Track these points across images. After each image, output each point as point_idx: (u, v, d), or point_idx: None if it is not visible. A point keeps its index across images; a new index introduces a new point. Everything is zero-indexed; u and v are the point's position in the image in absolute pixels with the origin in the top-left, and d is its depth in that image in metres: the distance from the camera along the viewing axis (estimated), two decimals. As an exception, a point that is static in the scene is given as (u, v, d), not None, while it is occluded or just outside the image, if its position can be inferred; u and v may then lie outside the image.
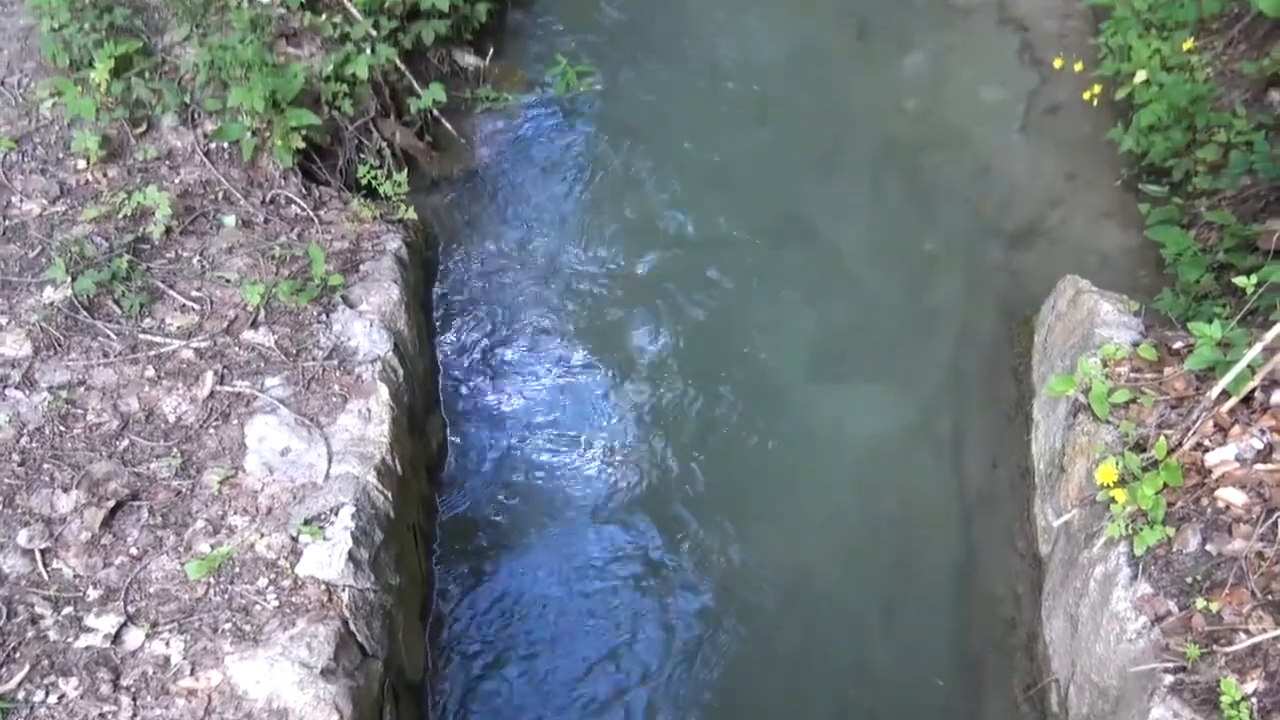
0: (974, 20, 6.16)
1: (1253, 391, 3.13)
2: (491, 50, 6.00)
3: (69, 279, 3.65)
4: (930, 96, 5.65)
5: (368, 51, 5.02)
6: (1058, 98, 5.56)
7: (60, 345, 3.55)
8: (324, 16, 4.99)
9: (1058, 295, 4.23)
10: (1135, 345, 3.52)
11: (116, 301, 3.70)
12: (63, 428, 3.35)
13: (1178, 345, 3.51)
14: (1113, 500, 3.08)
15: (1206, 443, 3.12)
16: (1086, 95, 5.37)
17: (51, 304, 3.61)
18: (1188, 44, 5.12)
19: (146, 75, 4.40)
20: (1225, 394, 3.10)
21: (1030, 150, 5.32)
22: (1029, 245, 4.94)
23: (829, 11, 6.32)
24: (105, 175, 4.13)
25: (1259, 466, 3.02)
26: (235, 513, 3.22)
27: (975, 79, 5.73)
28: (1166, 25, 5.31)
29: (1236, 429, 3.11)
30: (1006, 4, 6.25)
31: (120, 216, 3.94)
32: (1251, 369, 3.05)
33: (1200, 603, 2.81)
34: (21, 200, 3.98)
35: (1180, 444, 3.11)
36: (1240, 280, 3.27)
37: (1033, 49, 5.90)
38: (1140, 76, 5.04)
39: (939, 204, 5.12)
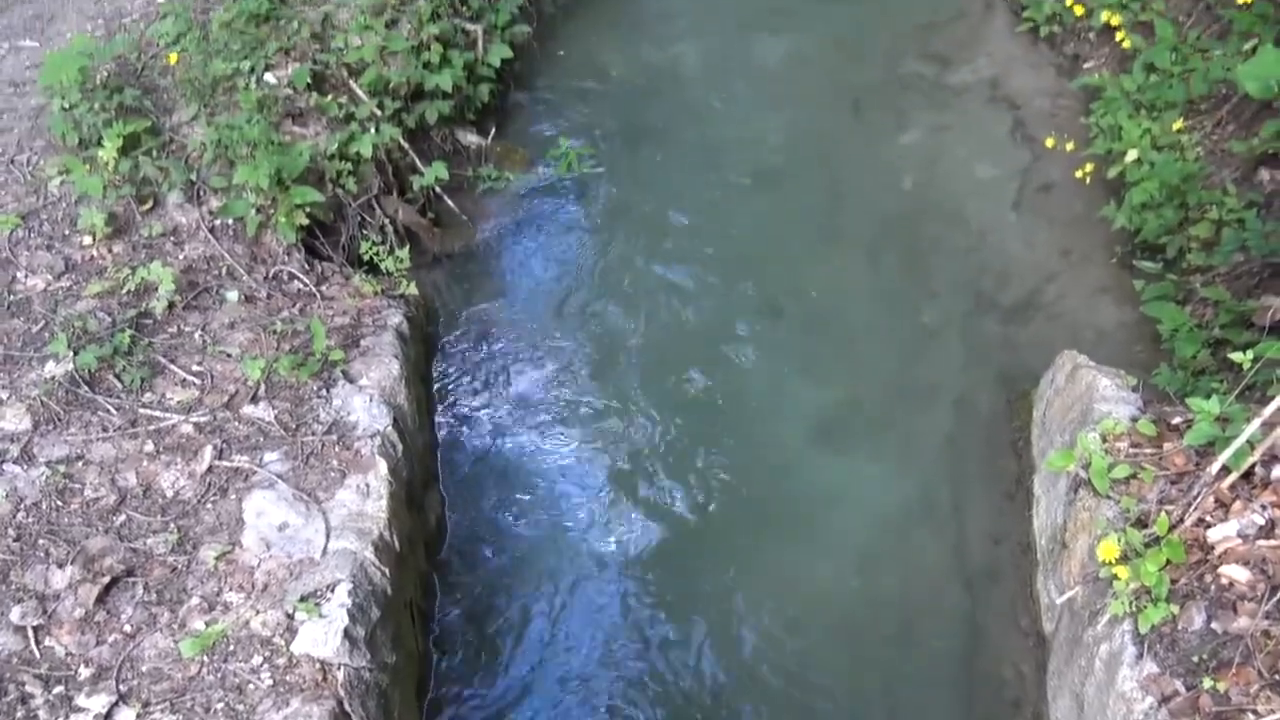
0: (967, 99, 6.29)
1: (1253, 467, 3.13)
2: (493, 130, 6.12)
3: (71, 353, 3.67)
4: (926, 173, 5.74)
5: (372, 131, 5.12)
6: (1051, 175, 5.65)
7: (60, 419, 3.55)
8: (330, 97, 5.10)
9: (1056, 370, 4.24)
10: (1134, 420, 3.53)
11: (117, 376, 3.72)
12: (60, 503, 3.34)
13: (1176, 420, 3.52)
14: (1115, 577, 3.06)
15: (1208, 518, 3.10)
16: (1079, 173, 5.46)
17: (52, 378, 3.62)
18: (1177, 124, 5.22)
19: (154, 153, 4.47)
20: (1225, 469, 3.10)
21: (1025, 226, 5.39)
22: (1026, 319, 4.98)
23: (824, 91, 6.46)
24: (110, 251, 4.17)
25: (1262, 543, 3.00)
26: (231, 589, 3.20)
27: (969, 156, 5.82)
28: (1156, 106, 5.42)
29: (1238, 504, 3.10)
30: (999, 83, 6.39)
31: (124, 292, 3.98)
32: (1251, 444, 3.05)
33: (1207, 682, 2.77)
34: (27, 276, 4.01)
35: (1182, 520, 3.10)
36: (1236, 356, 3.29)
37: (1025, 127, 6.01)
38: (1131, 155, 5.13)
39: (936, 278, 5.17)
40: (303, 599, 3.14)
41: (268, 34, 5.16)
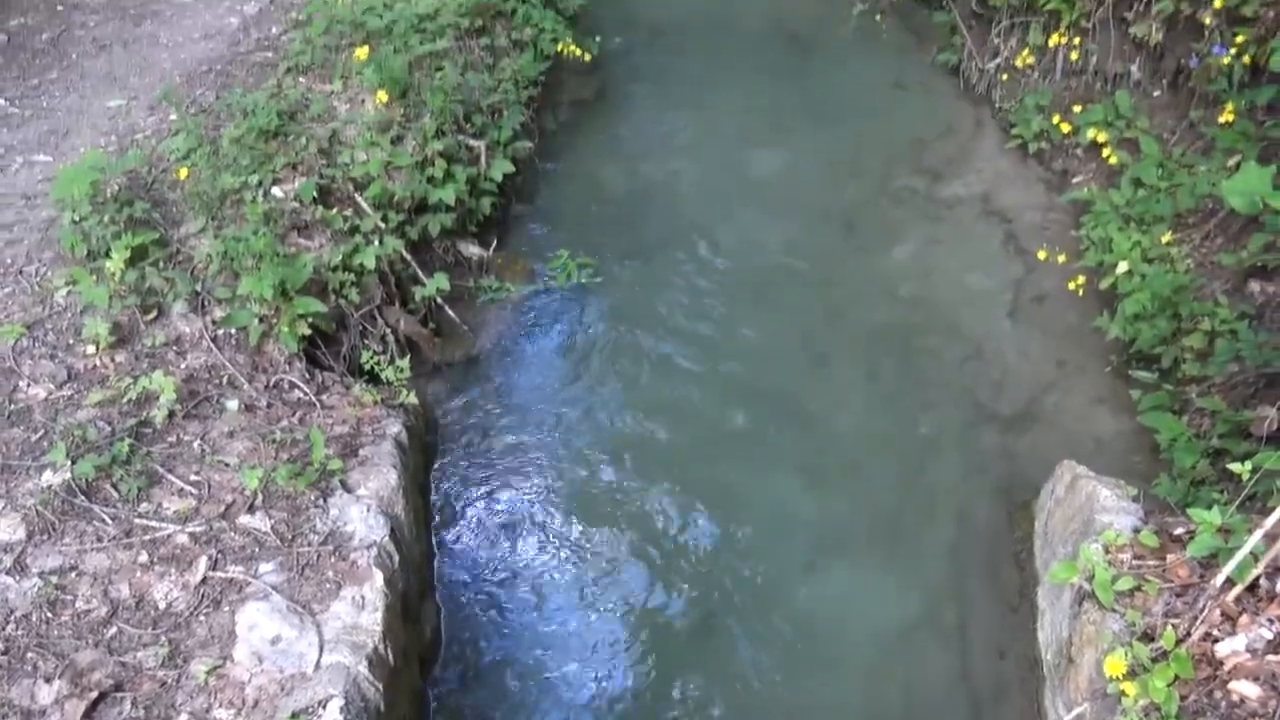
0: (959, 212, 6.43)
1: (1257, 579, 3.09)
2: (495, 242, 6.23)
3: (69, 463, 3.66)
4: (920, 285, 5.82)
5: (376, 243, 5.21)
6: (1044, 287, 5.73)
7: (55, 530, 3.52)
8: (335, 210, 5.20)
9: (1055, 480, 4.23)
10: (1136, 531, 3.51)
11: (115, 485, 3.70)
12: (50, 614, 3.29)
13: (1179, 531, 3.49)
14: (1124, 694, 3.00)
15: (1215, 632, 3.06)
16: (1071, 285, 5.55)
17: (49, 488, 3.61)
18: (1166, 237, 5.32)
19: (161, 264, 4.54)
20: (1230, 581, 3.07)
21: (1020, 337, 5.44)
22: (1024, 430, 4.98)
23: (819, 206, 6.60)
24: (113, 361, 4.20)
25: (1271, 658, 2.95)
26: (221, 705, 3.12)
27: (963, 268, 5.92)
28: (1145, 219, 5.53)
29: (1245, 618, 3.06)
30: (990, 198, 6.53)
31: (125, 401, 3.99)
32: (1254, 556, 3.02)
33: (1222, 804, 2.69)
34: (29, 385, 4.03)
35: (1189, 633, 3.06)
36: (1236, 466, 3.29)
37: (1017, 240, 6.13)
38: (1123, 267, 5.22)
39: (933, 389, 5.19)
40: (294, 715, 3.06)
41: (276, 149, 5.29)
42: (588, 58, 8.03)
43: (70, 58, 6.52)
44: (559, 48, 7.79)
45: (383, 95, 5.76)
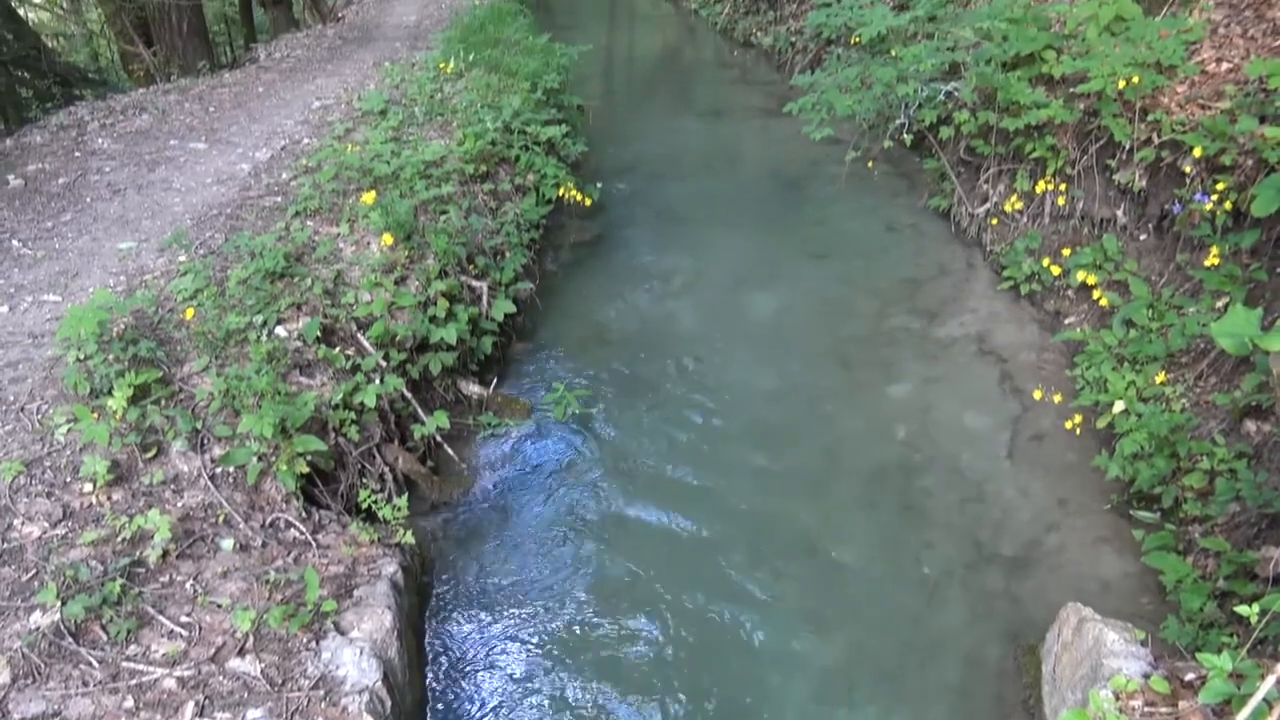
0: (954, 352, 6.50)
1: (1273, 727, 3.01)
2: (495, 379, 6.29)
3: (59, 603, 3.60)
4: (918, 424, 5.84)
5: (377, 381, 5.25)
6: (1041, 425, 5.75)
7: (40, 673, 3.44)
8: (338, 349, 5.27)
9: (1061, 624, 4.15)
10: (1146, 677, 3.43)
11: (104, 627, 3.63)
12: (29, 764, 3.18)
13: (1190, 677, 3.42)
14: None
15: (1233, 783, 2.96)
16: (1069, 424, 5.57)
17: (37, 629, 3.54)
18: (1160, 376, 5.37)
19: (162, 402, 4.57)
20: (1245, 730, 2.99)
21: (1020, 476, 5.43)
22: (1028, 571, 4.92)
23: (815, 345, 6.69)
24: (109, 499, 4.18)
25: (1292, 811, 2.84)
26: None
27: (960, 408, 5.95)
28: (1138, 359, 5.60)
29: (1263, 769, 2.96)
30: (984, 337, 6.62)
31: (119, 540, 3.95)
32: (1268, 703, 2.95)
33: None
34: (23, 523, 4.00)
35: (1206, 785, 2.96)
36: (1243, 609, 3.24)
37: (1013, 379, 6.18)
38: (1118, 407, 5.26)
39: (935, 529, 5.15)
40: None
41: (282, 290, 5.40)
42: (589, 202, 8.27)
43: (85, 201, 6.70)
44: (561, 192, 8.04)
45: (388, 238, 5.91)
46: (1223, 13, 6.99)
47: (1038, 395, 5.87)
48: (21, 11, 15.90)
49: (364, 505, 4.83)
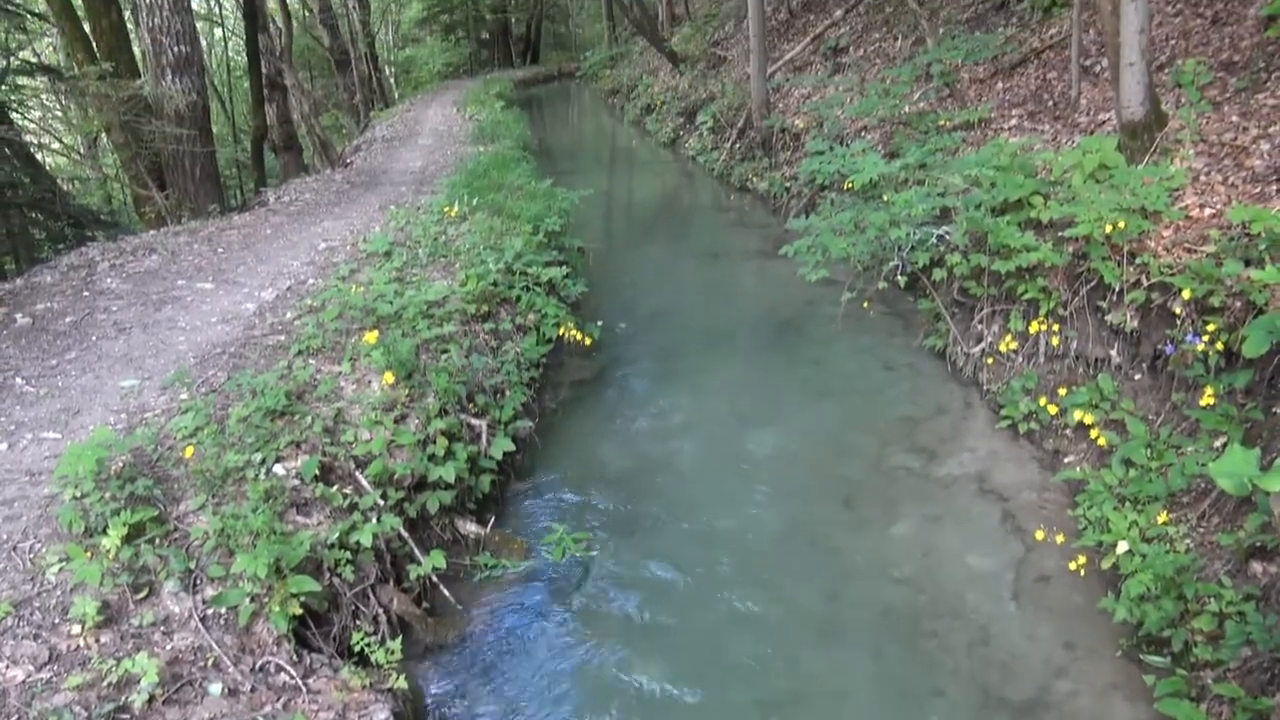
0: (955, 492, 6.47)
1: None
2: (493, 519, 6.24)
3: (38, 752, 3.49)
4: (921, 565, 5.77)
5: (374, 520, 5.21)
6: (1045, 566, 5.68)
7: (13, 828, 3.31)
8: (335, 488, 5.25)
9: (1075, 774, 4.02)
10: (1165, 832, 3.29)
11: (83, 778, 3.51)
12: None
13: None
14: None
15: None
16: (1073, 565, 5.50)
17: (14, 780, 3.42)
18: (1162, 516, 5.34)
19: (156, 542, 4.53)
20: None
21: (1026, 619, 5.33)
22: (1038, 719, 4.78)
23: (814, 484, 6.67)
24: (98, 641, 4.09)
25: None
26: None
27: (963, 548, 5.89)
28: (1139, 499, 5.58)
29: None
30: (984, 477, 6.60)
31: (105, 684, 3.85)
32: None
33: None
34: (7, 667, 3.91)
35: None
36: (1262, 760, 3.15)
37: (1014, 519, 6.13)
38: (1122, 547, 5.21)
39: (942, 675, 5.02)
40: None
41: (282, 428, 5.41)
42: (589, 341, 8.38)
43: (90, 339, 6.78)
44: (561, 331, 8.15)
45: (389, 376, 5.96)
46: (1203, 161, 7.23)
47: (1040, 535, 5.81)
48: (40, 156, 16.43)
49: (357, 648, 4.73)
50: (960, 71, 12.35)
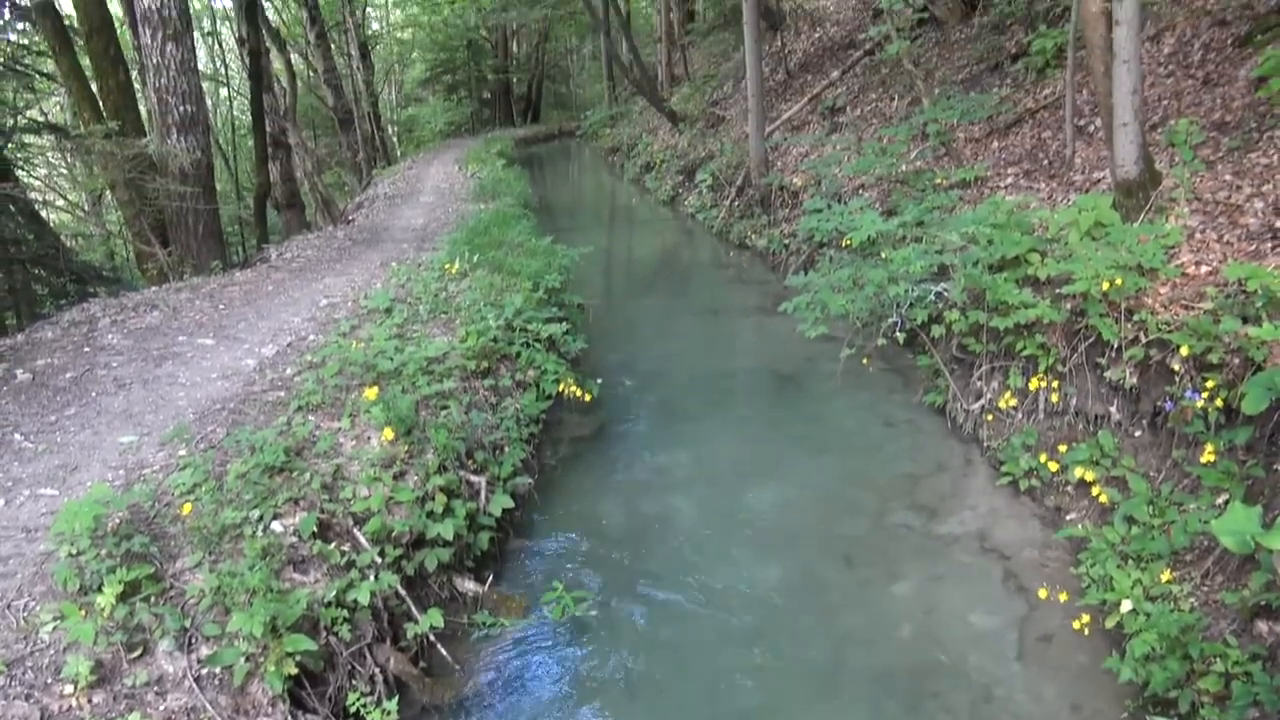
0: (956, 549, 6.43)
1: None
2: (491, 577, 6.18)
3: (27, 816, 3.42)
4: (923, 624, 5.71)
5: (371, 578, 5.17)
6: (1049, 625, 5.62)
7: None
8: (333, 545, 5.21)
9: (1083, 840, 3.95)
10: None
11: (72, 843, 3.44)
12: None
13: None
14: None
15: None
16: (1076, 624, 5.45)
17: (1, 845, 3.35)
18: (1166, 575, 5.30)
19: (152, 600, 4.48)
20: None
21: (1030, 680, 5.27)
22: (1044, 781, 4.71)
23: (815, 541, 6.63)
24: (90, 701, 4.04)
25: None
26: None
27: (965, 607, 5.83)
28: (1142, 557, 5.54)
29: None
30: (986, 534, 6.56)
31: (96, 746, 3.80)
32: None
33: None
34: (-2, 728, 3.85)
35: None
36: (1272, 825, 3.09)
37: (1017, 578, 6.09)
38: (1126, 606, 5.16)
39: (944, 736, 4.96)
40: None
41: (280, 484, 5.39)
42: (589, 397, 8.38)
43: (90, 395, 6.78)
44: (561, 388, 8.16)
45: (389, 433, 5.95)
46: (1198, 219, 7.30)
47: (1043, 594, 5.76)
48: (44, 213, 16.57)
49: (353, 709, 4.66)
50: (956, 131, 12.51)
